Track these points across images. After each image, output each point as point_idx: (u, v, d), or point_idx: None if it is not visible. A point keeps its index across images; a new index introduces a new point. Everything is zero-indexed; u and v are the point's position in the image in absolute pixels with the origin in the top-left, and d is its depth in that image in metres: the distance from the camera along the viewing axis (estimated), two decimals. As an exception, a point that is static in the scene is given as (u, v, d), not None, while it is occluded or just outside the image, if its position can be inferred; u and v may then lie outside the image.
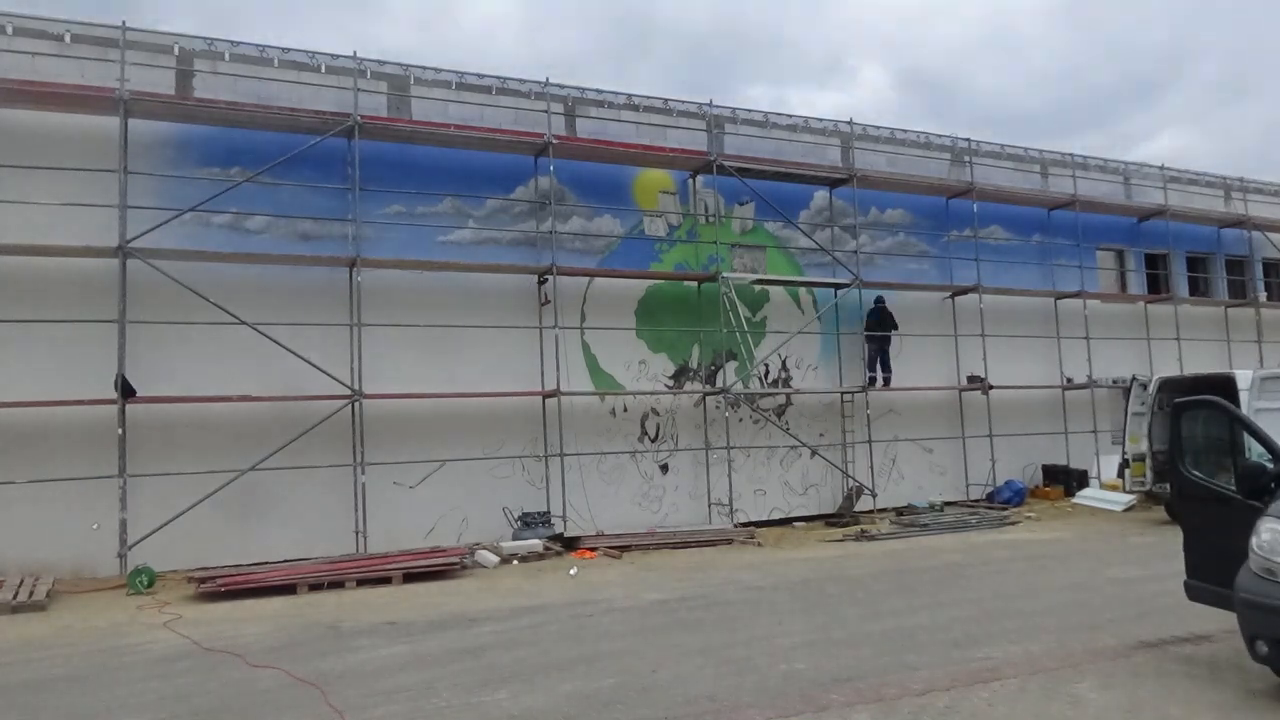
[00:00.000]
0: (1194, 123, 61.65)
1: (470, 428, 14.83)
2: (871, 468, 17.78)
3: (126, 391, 12.36)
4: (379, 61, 15.02)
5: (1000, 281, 19.87)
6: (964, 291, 19.40)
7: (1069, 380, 20.35)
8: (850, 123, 18.83)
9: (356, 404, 13.76)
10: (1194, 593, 6.87)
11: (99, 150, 12.82)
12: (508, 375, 15.17)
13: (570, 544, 14.46)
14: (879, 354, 18.34)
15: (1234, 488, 6.44)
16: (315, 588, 11.47)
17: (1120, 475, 17.39)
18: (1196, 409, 7.09)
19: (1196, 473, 6.93)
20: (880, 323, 18.23)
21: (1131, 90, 62.91)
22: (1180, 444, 7.03)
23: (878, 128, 19.47)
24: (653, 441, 16.50)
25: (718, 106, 17.50)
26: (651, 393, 16.44)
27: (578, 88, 16.62)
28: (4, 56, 12.63)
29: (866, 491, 17.59)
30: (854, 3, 67.01)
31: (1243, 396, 13.77)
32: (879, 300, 18.29)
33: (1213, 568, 6.54)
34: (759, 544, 14.78)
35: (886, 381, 18.25)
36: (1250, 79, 62.85)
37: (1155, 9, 63.23)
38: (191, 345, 13.12)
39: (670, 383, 16.78)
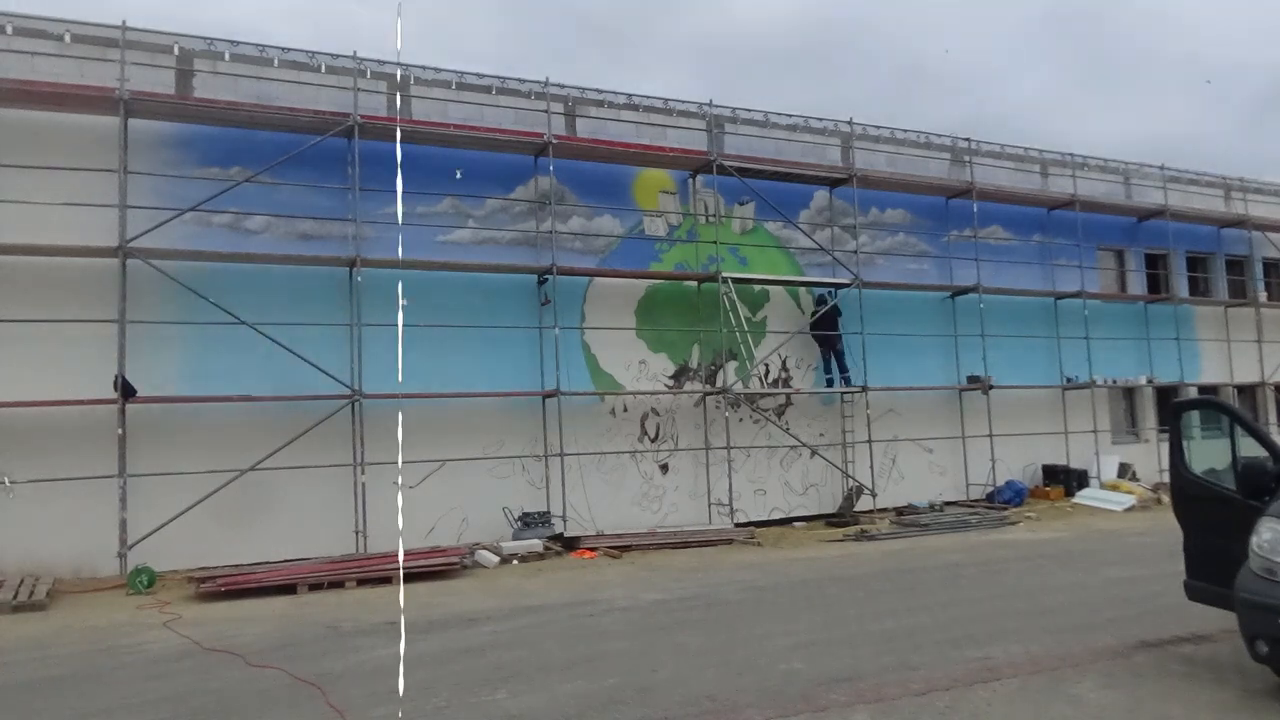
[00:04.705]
0: None
1: (470, 428, 14.83)
2: (871, 468, 17.77)
3: (126, 391, 12.37)
4: (379, 61, 15.00)
5: (1000, 281, 19.86)
6: (964, 291, 19.40)
7: (1069, 380, 20.36)
8: (850, 122, 18.81)
9: (356, 404, 13.77)
10: (1194, 593, 6.87)
11: (99, 150, 12.81)
12: (508, 375, 15.18)
13: (570, 544, 14.45)
14: (830, 355, 17.97)
15: (1234, 488, 6.44)
16: (315, 588, 11.47)
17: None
18: (1196, 409, 7.09)
19: (1196, 473, 6.93)
20: (819, 323, 17.78)
21: None
22: (1180, 444, 7.04)
23: (877, 127, 19.45)
24: (653, 441, 16.49)
25: (718, 106, 17.49)
26: (651, 393, 16.44)
27: (578, 87, 16.62)
28: (4, 56, 12.62)
29: (866, 491, 17.59)
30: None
31: None
32: (819, 300, 17.95)
33: (1213, 568, 6.54)
34: (759, 544, 14.78)
35: (846, 381, 17.71)
36: None
37: None
38: (191, 345, 13.12)
39: (670, 383, 16.78)
